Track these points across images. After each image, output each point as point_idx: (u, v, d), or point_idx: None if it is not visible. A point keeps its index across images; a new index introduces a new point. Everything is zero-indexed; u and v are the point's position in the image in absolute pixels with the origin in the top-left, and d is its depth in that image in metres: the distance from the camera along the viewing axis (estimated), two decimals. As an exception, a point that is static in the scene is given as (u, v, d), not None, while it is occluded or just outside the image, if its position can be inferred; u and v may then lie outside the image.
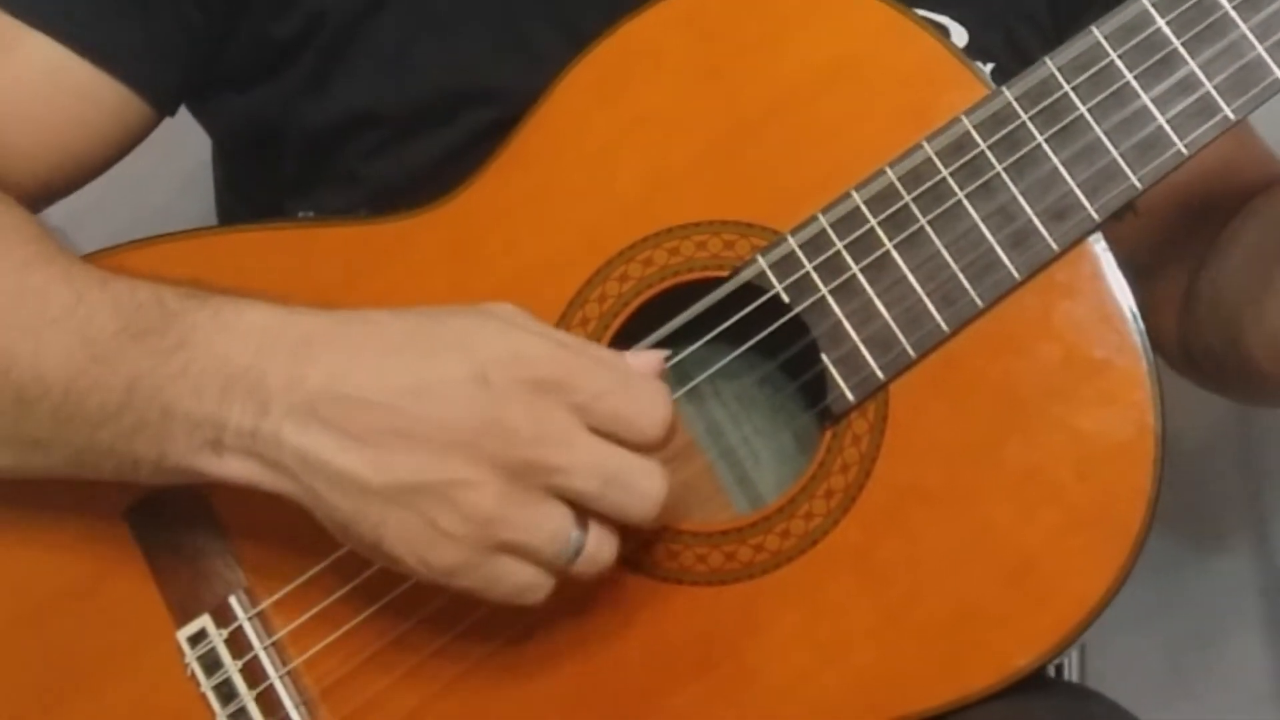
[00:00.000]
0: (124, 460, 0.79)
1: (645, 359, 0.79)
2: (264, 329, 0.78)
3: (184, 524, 0.84)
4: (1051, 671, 1.16)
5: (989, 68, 0.89)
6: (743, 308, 0.85)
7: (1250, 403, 1.22)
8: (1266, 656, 1.45)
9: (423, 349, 0.77)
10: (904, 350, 0.83)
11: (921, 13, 0.87)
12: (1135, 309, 0.84)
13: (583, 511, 0.76)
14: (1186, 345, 1.07)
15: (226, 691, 0.82)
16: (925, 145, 0.84)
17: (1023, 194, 0.83)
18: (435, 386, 0.75)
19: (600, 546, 0.76)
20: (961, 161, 0.84)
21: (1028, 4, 0.98)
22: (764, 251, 0.84)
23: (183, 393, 0.77)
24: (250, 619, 0.83)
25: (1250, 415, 1.37)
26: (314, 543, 0.80)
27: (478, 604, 0.78)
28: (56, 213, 0.95)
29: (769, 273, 0.84)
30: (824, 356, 0.84)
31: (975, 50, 0.90)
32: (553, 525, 0.75)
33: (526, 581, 0.76)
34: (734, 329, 0.86)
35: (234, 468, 0.77)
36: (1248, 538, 1.45)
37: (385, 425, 0.75)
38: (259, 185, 1.03)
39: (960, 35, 0.93)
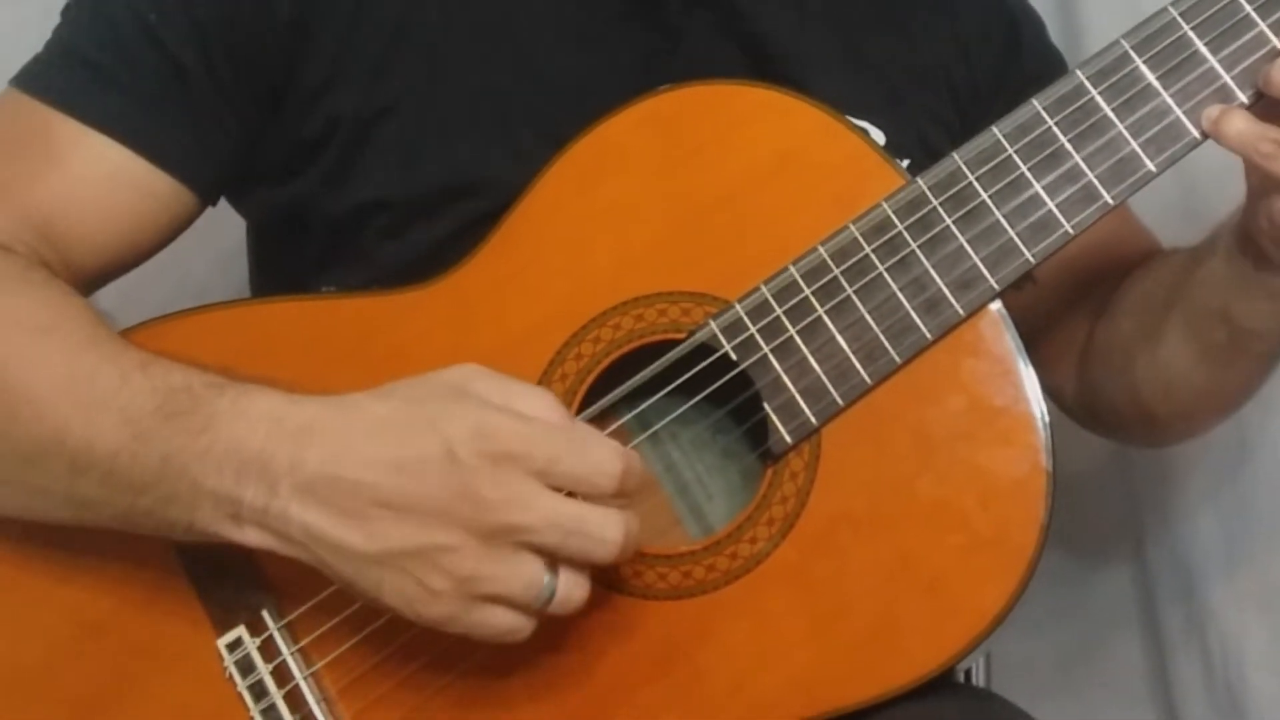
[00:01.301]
0: (161, 522, 0.88)
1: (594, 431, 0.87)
2: (271, 416, 0.86)
3: (222, 550, 0.91)
4: (960, 676, 1.24)
5: (905, 163, 0.98)
6: (697, 364, 0.94)
7: (1147, 445, 1.30)
8: (1143, 661, 1.50)
9: (402, 431, 0.84)
10: (834, 400, 0.93)
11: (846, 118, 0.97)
12: (1029, 365, 0.93)
13: (553, 560, 0.83)
14: (1086, 399, 1.15)
15: (259, 690, 0.91)
16: (851, 227, 0.94)
17: (934, 268, 0.93)
18: (412, 464, 0.83)
19: (571, 589, 0.84)
20: (882, 240, 0.94)
21: (938, 110, 1.08)
22: (715, 317, 0.93)
23: (207, 471, 0.85)
24: (279, 629, 0.92)
25: (1127, 447, 1.43)
26: None
27: None
28: (112, 286, 1.03)
29: (719, 335, 0.93)
30: (766, 405, 0.93)
31: (892, 148, 0.99)
32: (526, 577, 0.83)
33: (508, 626, 0.84)
34: (689, 383, 0.95)
35: (252, 537, 0.86)
36: (1127, 555, 1.50)
37: (372, 500, 0.83)
38: (287, 263, 1.10)
39: (879, 136, 1.01)
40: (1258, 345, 1.05)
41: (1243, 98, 0.92)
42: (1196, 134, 0.93)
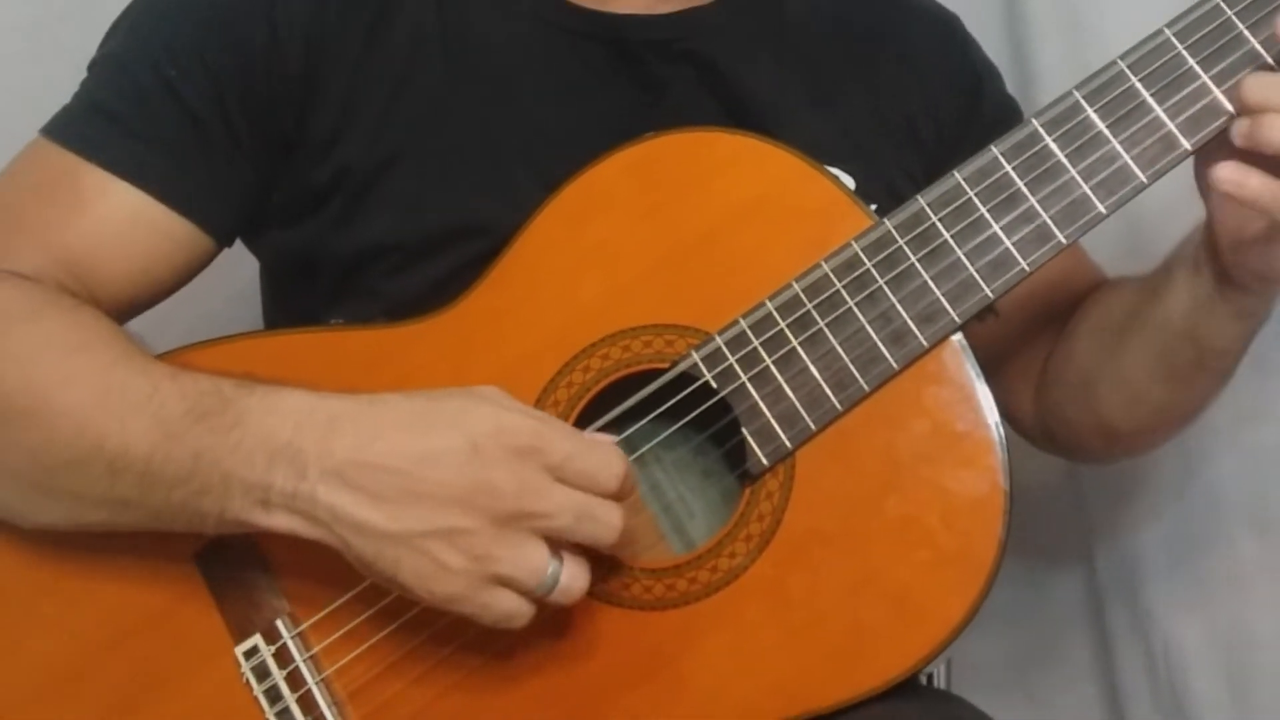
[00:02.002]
0: (194, 515, 0.93)
1: (600, 436, 0.94)
2: (300, 410, 0.92)
3: (239, 564, 0.98)
4: (924, 680, 1.28)
5: (873, 207, 1.04)
6: (680, 392, 1.00)
7: (1103, 460, 1.36)
8: (1092, 662, 1.55)
9: (427, 425, 0.91)
10: (807, 425, 0.98)
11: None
12: (988, 392, 0.99)
13: (559, 550, 0.90)
14: (1044, 421, 1.21)
15: (274, 695, 0.97)
16: (823, 264, 1.00)
17: (899, 302, 0.99)
18: (437, 455, 0.90)
19: (574, 578, 0.91)
20: (851, 277, 0.99)
21: (903, 159, 1.14)
22: (696, 348, 0.99)
23: (238, 463, 0.91)
24: (293, 637, 0.98)
25: (1078, 466, 1.48)
26: (342, 578, 0.95)
27: (471, 625, 0.92)
28: (136, 320, 1.08)
29: (700, 364, 0.99)
30: (744, 430, 0.99)
31: (861, 193, 1.04)
32: (535, 562, 0.89)
33: (512, 609, 0.90)
34: (673, 409, 1.00)
35: (280, 521, 0.91)
36: (1076, 565, 1.55)
37: (398, 485, 0.89)
38: (298, 299, 1.15)
39: (849, 181, 1.07)
40: (1222, 362, 1.10)
41: (1187, 145, 0.98)
42: (1143, 178, 0.98)
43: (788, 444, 0.99)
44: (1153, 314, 1.10)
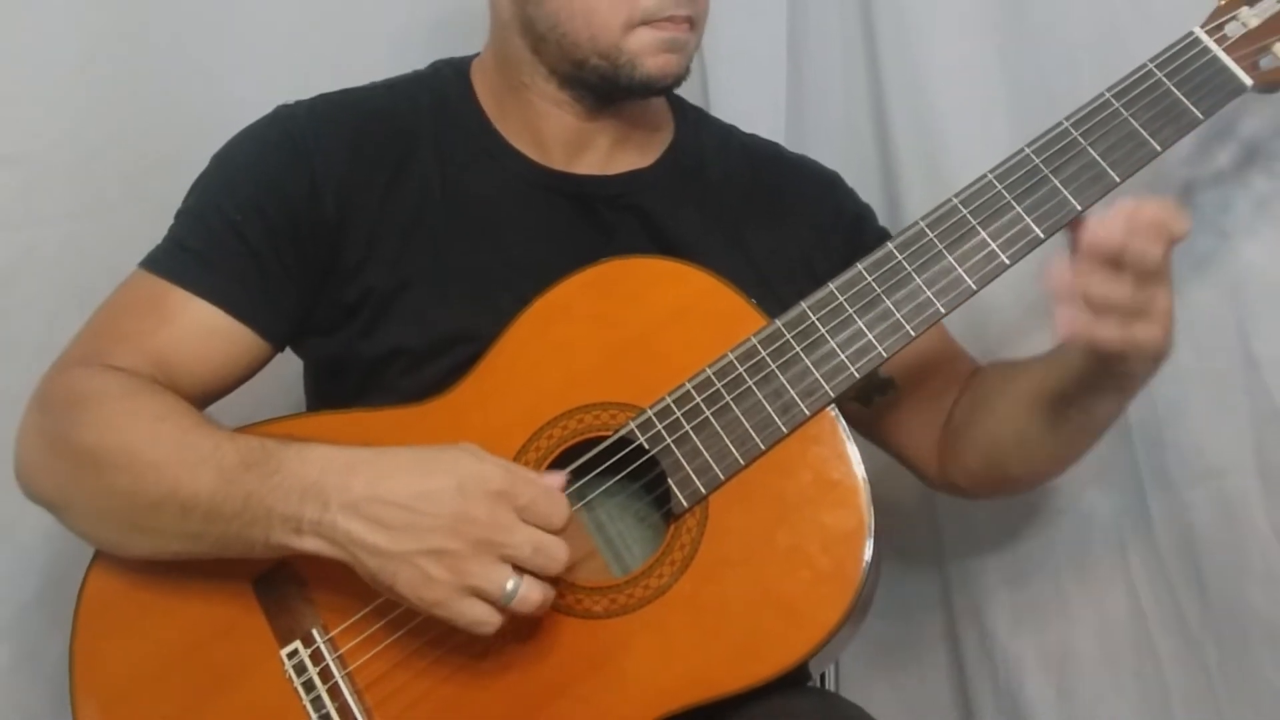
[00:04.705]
0: (246, 543, 1.13)
1: (554, 476, 1.15)
2: (324, 458, 1.11)
3: (284, 585, 1.20)
4: (816, 681, 1.43)
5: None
6: (620, 452, 1.19)
7: (994, 497, 1.51)
8: (948, 675, 1.70)
9: (424, 470, 1.11)
10: (717, 475, 1.18)
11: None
12: (856, 449, 1.18)
13: (519, 570, 1.10)
14: (946, 470, 1.39)
15: (309, 686, 1.18)
16: (729, 354, 1.21)
17: (787, 381, 1.20)
18: (431, 493, 1.09)
19: (530, 591, 1.10)
20: (751, 363, 1.20)
21: (799, 285, 1.28)
22: (633, 419, 1.20)
23: (277, 500, 1.11)
24: (325, 642, 1.19)
25: (937, 513, 1.66)
26: (362, 594, 1.16)
27: (458, 631, 1.12)
28: (213, 405, 1.28)
29: (636, 431, 1.20)
30: (669, 480, 1.18)
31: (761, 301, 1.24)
32: (500, 578, 1.10)
33: (482, 615, 1.10)
34: (614, 465, 1.19)
35: (309, 544, 1.11)
36: (935, 597, 1.71)
37: (400, 517, 1.09)
38: (332, 390, 1.33)
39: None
40: (1101, 425, 1.28)
41: (1005, 259, 1.20)
42: (972, 284, 1.20)
43: (703, 490, 1.18)
44: (1049, 383, 1.27)
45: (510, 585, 1.10)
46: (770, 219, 1.41)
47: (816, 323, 1.22)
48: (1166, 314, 1.15)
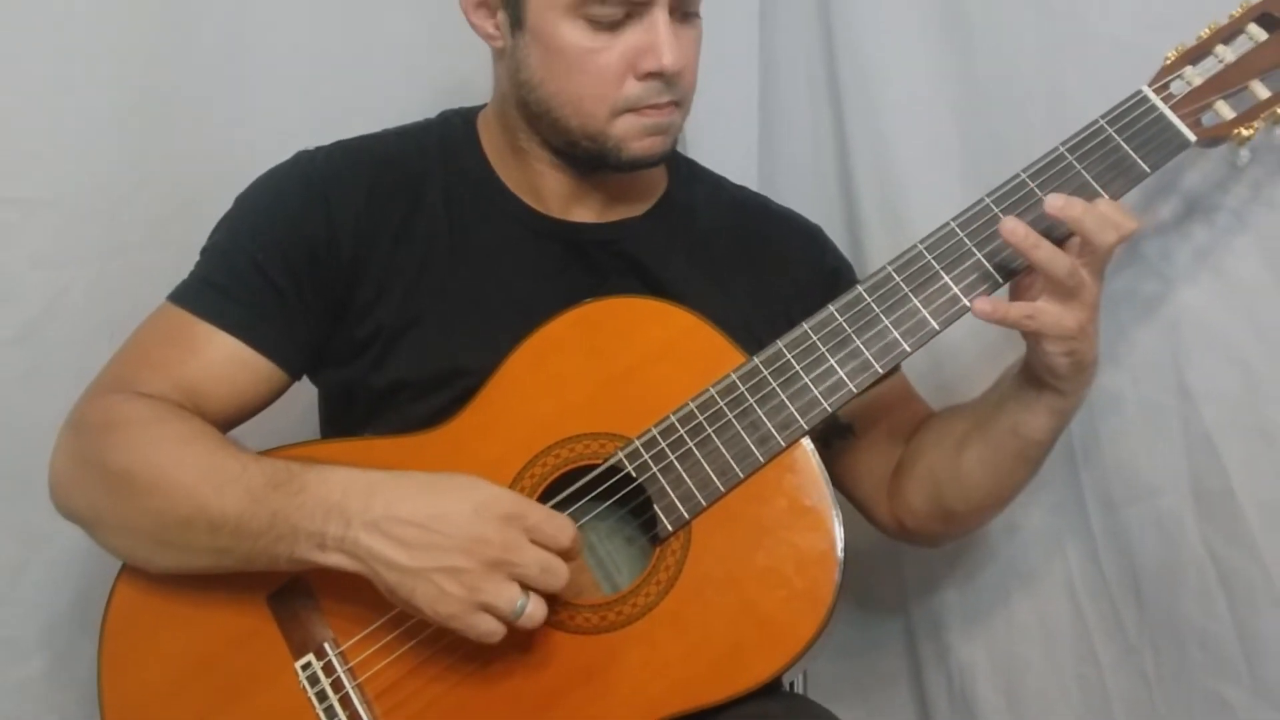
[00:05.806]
0: (271, 557, 1.20)
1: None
2: (346, 480, 1.18)
3: (298, 601, 1.26)
4: (788, 687, 1.46)
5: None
6: (609, 480, 1.26)
7: (941, 542, 1.59)
8: (907, 681, 1.78)
9: (440, 492, 1.17)
10: (699, 501, 1.26)
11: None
12: (828, 478, 1.26)
13: (526, 588, 1.16)
14: (896, 513, 1.46)
15: (322, 696, 1.24)
16: (711, 389, 1.28)
17: (764, 415, 1.27)
18: (448, 514, 1.15)
19: (536, 608, 1.17)
20: (731, 397, 1.28)
21: (776, 330, 1.32)
22: (621, 448, 1.27)
23: (302, 518, 1.17)
24: (336, 655, 1.25)
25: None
26: (370, 610, 1.23)
27: (464, 643, 1.19)
28: (236, 430, 1.34)
29: (624, 460, 1.27)
30: (655, 506, 1.25)
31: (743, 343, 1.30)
32: (510, 594, 1.16)
33: (490, 629, 1.17)
34: (604, 492, 1.26)
35: (332, 559, 1.18)
36: (896, 608, 1.78)
37: (418, 535, 1.15)
38: (344, 418, 1.39)
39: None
40: (1036, 452, 1.34)
41: (965, 302, 1.28)
42: (936, 325, 1.28)
43: (686, 515, 1.25)
44: (987, 414, 1.34)
45: (519, 603, 1.16)
46: (755, 268, 1.47)
47: (791, 360, 1.30)
48: (1093, 306, 1.24)
